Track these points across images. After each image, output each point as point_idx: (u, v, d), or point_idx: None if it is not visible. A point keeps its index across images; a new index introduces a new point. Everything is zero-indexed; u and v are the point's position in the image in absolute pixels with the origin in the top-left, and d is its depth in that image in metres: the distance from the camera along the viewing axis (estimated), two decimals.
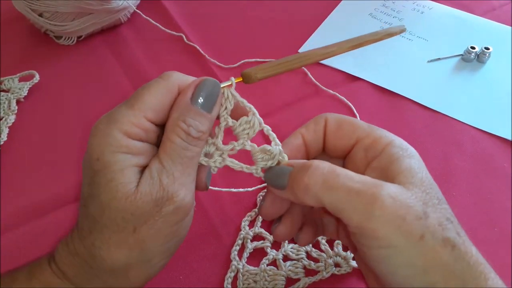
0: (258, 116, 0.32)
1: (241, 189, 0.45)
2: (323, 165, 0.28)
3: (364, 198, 0.26)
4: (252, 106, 0.32)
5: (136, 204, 0.27)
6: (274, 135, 0.32)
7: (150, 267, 0.29)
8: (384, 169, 0.29)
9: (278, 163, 0.32)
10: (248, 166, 0.32)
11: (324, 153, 0.34)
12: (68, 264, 0.29)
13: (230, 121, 0.32)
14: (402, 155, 0.30)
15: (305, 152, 0.33)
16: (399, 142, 0.31)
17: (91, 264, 0.28)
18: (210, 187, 0.40)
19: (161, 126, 0.30)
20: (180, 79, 0.30)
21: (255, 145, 0.32)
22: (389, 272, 0.27)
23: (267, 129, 0.32)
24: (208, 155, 0.32)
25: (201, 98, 0.29)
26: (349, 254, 0.40)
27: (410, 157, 0.30)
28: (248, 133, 0.32)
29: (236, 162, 0.32)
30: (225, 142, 0.32)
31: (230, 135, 0.33)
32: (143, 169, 0.28)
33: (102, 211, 0.27)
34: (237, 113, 0.32)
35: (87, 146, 0.28)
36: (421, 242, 0.26)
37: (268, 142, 0.32)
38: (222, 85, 0.31)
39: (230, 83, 0.32)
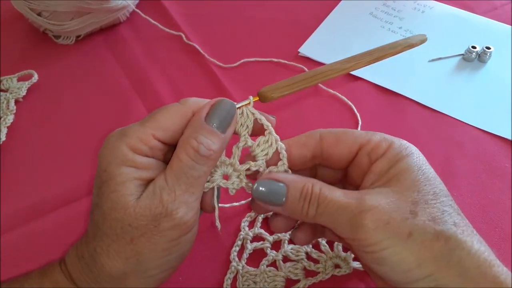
0: (275, 133, 0.32)
1: None
2: (316, 189, 0.29)
3: (350, 212, 0.28)
4: (269, 124, 0.32)
5: (134, 216, 0.28)
6: (286, 155, 0.32)
7: (147, 277, 0.29)
8: (382, 173, 0.30)
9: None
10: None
11: (322, 165, 0.34)
12: (74, 265, 0.30)
13: (250, 141, 0.32)
14: (400, 156, 0.30)
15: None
16: (398, 143, 0.31)
17: (92, 269, 0.29)
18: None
19: (173, 146, 0.30)
20: (197, 103, 0.31)
21: (274, 168, 0.32)
22: (388, 271, 0.28)
23: (281, 147, 0.32)
24: (225, 176, 0.32)
25: (215, 117, 0.29)
26: (349, 255, 0.40)
27: (408, 156, 0.30)
28: (267, 153, 0.32)
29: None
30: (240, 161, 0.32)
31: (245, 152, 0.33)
32: (148, 182, 0.29)
33: (104, 220, 0.28)
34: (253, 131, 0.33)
35: (98, 156, 0.30)
36: (410, 239, 0.27)
37: None
38: (239, 104, 0.31)
39: (248, 101, 0.32)
